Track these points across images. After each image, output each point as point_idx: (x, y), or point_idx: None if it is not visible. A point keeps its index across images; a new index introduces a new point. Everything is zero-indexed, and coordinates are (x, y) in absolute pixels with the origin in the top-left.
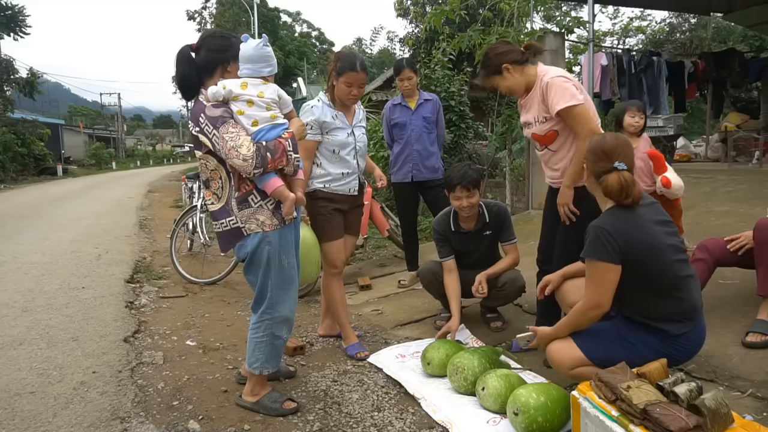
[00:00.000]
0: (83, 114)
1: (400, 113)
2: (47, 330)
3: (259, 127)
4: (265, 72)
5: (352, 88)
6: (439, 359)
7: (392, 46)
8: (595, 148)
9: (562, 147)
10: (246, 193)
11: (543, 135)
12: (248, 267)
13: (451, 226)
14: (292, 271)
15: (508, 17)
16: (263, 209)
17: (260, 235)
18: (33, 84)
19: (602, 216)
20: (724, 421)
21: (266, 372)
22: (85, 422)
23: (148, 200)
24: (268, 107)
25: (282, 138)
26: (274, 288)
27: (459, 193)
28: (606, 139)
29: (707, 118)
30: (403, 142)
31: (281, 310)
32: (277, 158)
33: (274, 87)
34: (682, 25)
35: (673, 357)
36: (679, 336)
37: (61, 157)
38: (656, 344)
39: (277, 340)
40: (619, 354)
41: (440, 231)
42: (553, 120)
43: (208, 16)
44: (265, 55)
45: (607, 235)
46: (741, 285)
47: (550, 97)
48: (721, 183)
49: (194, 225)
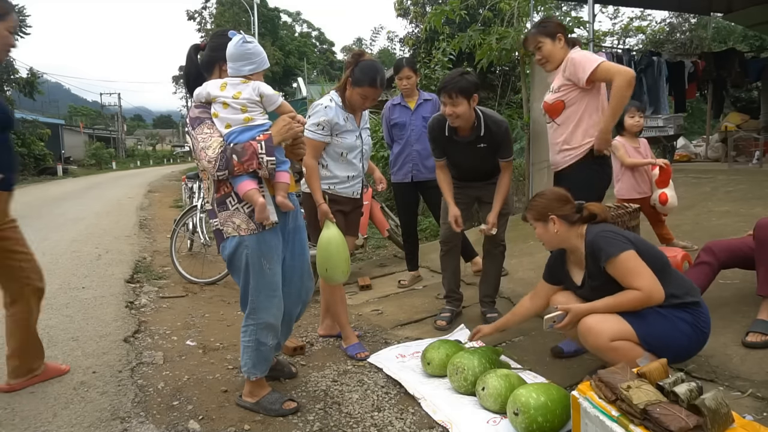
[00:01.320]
0: (83, 114)
1: (399, 113)
2: (47, 330)
3: (231, 130)
4: (246, 71)
5: (367, 101)
6: (439, 359)
7: (392, 46)
8: (552, 200)
9: (566, 121)
10: (224, 195)
11: (551, 104)
12: (229, 269)
13: (445, 131)
14: (274, 278)
15: (508, 17)
16: (239, 212)
17: (237, 238)
18: (33, 84)
19: (590, 231)
20: (724, 421)
21: (254, 378)
22: (85, 422)
23: (148, 200)
24: (243, 108)
25: (255, 140)
26: (256, 293)
27: (444, 99)
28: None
29: (707, 118)
30: (402, 142)
31: (264, 316)
32: (245, 161)
33: (255, 85)
34: (682, 25)
35: (702, 331)
36: (701, 307)
37: (61, 157)
38: (690, 319)
39: (263, 347)
40: (664, 328)
41: (433, 132)
42: (564, 91)
43: (208, 16)
44: (245, 53)
45: (612, 234)
46: (741, 285)
47: (579, 66)
48: (721, 183)
49: (194, 225)
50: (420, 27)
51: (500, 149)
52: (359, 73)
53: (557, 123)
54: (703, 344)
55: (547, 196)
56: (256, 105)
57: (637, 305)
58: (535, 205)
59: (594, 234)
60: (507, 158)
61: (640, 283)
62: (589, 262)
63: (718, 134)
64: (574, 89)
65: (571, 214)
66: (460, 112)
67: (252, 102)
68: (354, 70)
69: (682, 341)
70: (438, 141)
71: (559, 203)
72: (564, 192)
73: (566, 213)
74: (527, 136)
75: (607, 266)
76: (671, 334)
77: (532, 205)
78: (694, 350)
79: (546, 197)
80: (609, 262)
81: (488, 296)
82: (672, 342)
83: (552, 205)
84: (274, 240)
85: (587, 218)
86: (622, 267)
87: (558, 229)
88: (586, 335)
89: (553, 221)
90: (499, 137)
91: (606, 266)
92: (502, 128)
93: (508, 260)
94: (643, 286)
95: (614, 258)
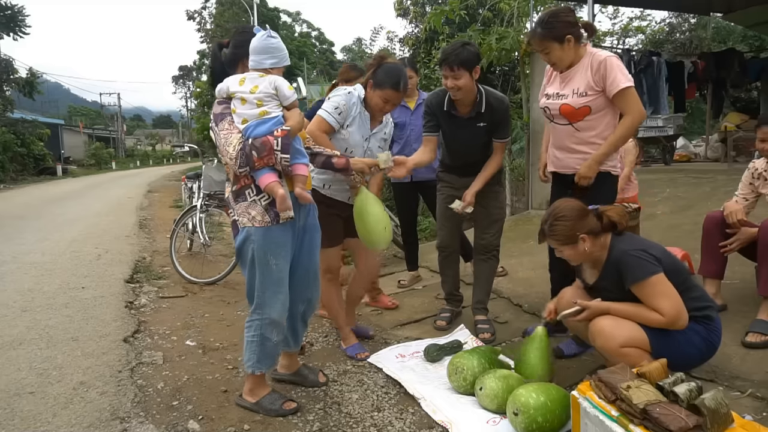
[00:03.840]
0: (83, 114)
1: (399, 113)
2: (47, 330)
3: (247, 124)
4: (267, 64)
5: (388, 104)
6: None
7: (392, 46)
8: (575, 219)
9: (588, 128)
10: (244, 186)
11: (576, 109)
12: (238, 261)
13: (444, 106)
14: (280, 274)
15: (508, 17)
16: (256, 204)
17: (246, 230)
18: (33, 84)
19: (616, 245)
20: (723, 421)
21: (259, 372)
22: (84, 422)
23: (148, 200)
24: (259, 103)
25: (272, 135)
26: (262, 289)
27: (445, 71)
28: (565, 204)
29: (707, 118)
30: (402, 142)
31: (269, 312)
32: (265, 156)
33: (272, 79)
34: (682, 25)
35: (713, 345)
36: (715, 320)
37: (61, 157)
38: (703, 332)
39: (268, 342)
40: (678, 341)
41: (431, 106)
42: (591, 96)
43: (207, 16)
44: (269, 47)
45: (642, 253)
46: (741, 285)
47: (610, 76)
48: (720, 183)
49: (194, 225)
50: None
51: (498, 129)
52: (383, 75)
53: (575, 127)
54: (710, 357)
55: (567, 216)
56: (272, 98)
57: (656, 327)
58: (558, 230)
59: (622, 252)
60: (503, 139)
61: (665, 308)
62: (610, 272)
63: (717, 134)
64: (602, 95)
65: (596, 226)
66: (461, 84)
67: (268, 95)
68: (377, 72)
69: (692, 353)
70: (435, 114)
71: (582, 219)
72: (578, 204)
73: (592, 227)
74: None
75: (633, 288)
76: (683, 348)
77: (554, 230)
78: (700, 362)
79: (567, 218)
80: (636, 285)
81: (480, 302)
82: (682, 355)
83: (577, 225)
84: (282, 237)
85: (608, 226)
86: (649, 290)
87: (588, 246)
88: (597, 336)
89: (583, 240)
90: (499, 115)
91: (632, 288)
92: (504, 105)
93: (507, 260)
94: (668, 313)
95: (643, 281)
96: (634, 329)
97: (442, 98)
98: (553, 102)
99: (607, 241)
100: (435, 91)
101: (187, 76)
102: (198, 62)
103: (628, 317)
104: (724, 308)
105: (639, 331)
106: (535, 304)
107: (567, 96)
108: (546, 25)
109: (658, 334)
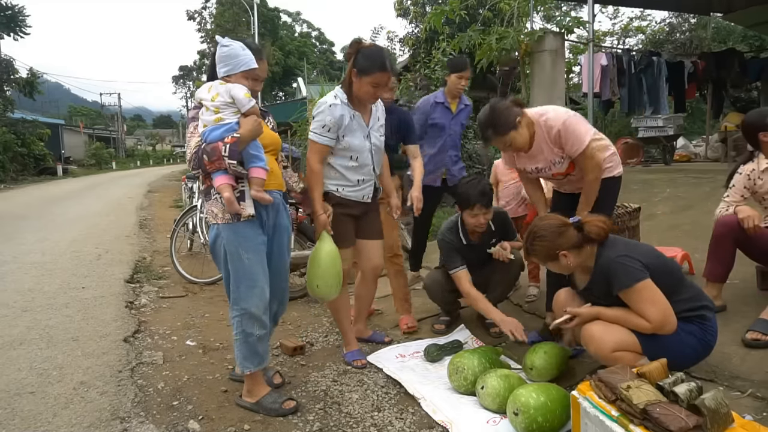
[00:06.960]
0: (83, 114)
1: (441, 114)
2: (47, 330)
3: (203, 129)
4: (222, 72)
5: (379, 89)
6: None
7: (392, 46)
8: (553, 238)
9: (581, 169)
10: (209, 186)
11: (564, 171)
12: (213, 259)
13: (462, 240)
14: (253, 267)
15: (508, 17)
16: (217, 202)
17: (215, 229)
18: (33, 84)
19: (603, 252)
20: (724, 421)
21: (248, 371)
22: (84, 422)
23: (148, 200)
24: (216, 110)
25: (222, 141)
26: (236, 283)
27: (477, 211)
28: (544, 222)
29: (707, 118)
30: (438, 146)
31: (246, 305)
32: (215, 160)
33: (229, 87)
34: (682, 25)
35: (708, 344)
36: (710, 320)
37: (61, 157)
38: (698, 332)
39: (250, 338)
40: (670, 342)
41: (450, 242)
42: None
43: (208, 16)
44: (221, 56)
45: (627, 260)
46: (741, 285)
47: (567, 142)
48: (720, 183)
49: (194, 225)
50: (420, 27)
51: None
52: (364, 61)
53: (573, 175)
54: (706, 356)
55: (544, 236)
56: (229, 106)
57: (645, 332)
58: (537, 249)
59: (608, 260)
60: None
61: (652, 314)
62: (598, 279)
63: (717, 134)
64: None
65: (577, 240)
66: (490, 217)
67: (224, 104)
68: (357, 59)
69: (687, 353)
70: (458, 249)
71: (560, 237)
72: (556, 218)
73: (573, 242)
74: None
75: (621, 295)
76: (677, 348)
77: (534, 250)
78: (696, 361)
79: (544, 238)
80: (623, 292)
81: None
82: (676, 355)
83: (555, 243)
84: (250, 231)
85: (590, 237)
86: (635, 296)
87: (571, 260)
88: (589, 342)
89: (564, 256)
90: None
91: (619, 294)
92: (502, 215)
93: None
94: (654, 319)
95: (629, 288)
96: (624, 333)
97: (457, 234)
98: (542, 174)
99: (593, 250)
100: (445, 232)
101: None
102: (198, 62)
103: (617, 323)
104: (724, 309)
105: (629, 334)
106: (534, 304)
107: (549, 168)
108: (491, 125)
109: (649, 336)
